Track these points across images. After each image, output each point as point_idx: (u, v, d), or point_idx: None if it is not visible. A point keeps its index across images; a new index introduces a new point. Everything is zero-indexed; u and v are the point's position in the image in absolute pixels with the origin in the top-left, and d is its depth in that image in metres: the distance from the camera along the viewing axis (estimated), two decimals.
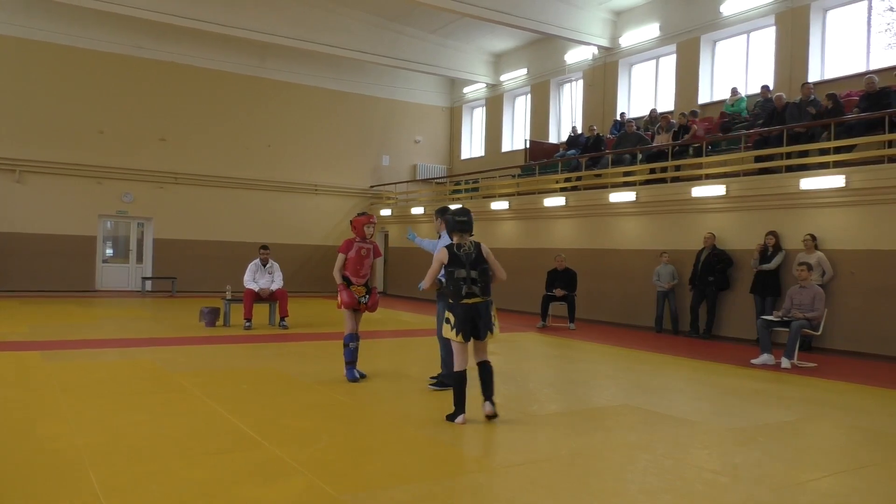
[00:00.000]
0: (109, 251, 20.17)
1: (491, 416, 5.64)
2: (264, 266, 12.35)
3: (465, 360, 5.71)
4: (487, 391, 5.68)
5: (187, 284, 19.54)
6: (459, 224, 5.72)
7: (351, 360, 7.31)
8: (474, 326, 5.61)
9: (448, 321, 5.66)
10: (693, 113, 15.27)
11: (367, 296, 7.36)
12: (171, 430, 5.24)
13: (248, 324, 11.74)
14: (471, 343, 5.68)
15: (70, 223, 18.66)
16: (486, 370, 5.69)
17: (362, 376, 7.43)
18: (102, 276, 19.51)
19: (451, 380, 5.96)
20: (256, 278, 12.22)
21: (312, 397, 6.65)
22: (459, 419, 5.61)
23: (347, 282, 7.27)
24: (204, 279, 19.61)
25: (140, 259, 20.16)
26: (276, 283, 12.32)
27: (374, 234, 7.40)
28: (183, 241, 20.10)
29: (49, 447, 4.70)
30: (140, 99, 19.60)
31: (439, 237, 6.99)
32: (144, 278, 19.47)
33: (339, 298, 7.26)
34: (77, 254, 18.77)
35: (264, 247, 12.61)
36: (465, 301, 5.58)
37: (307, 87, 22.11)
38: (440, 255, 5.78)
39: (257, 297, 12.07)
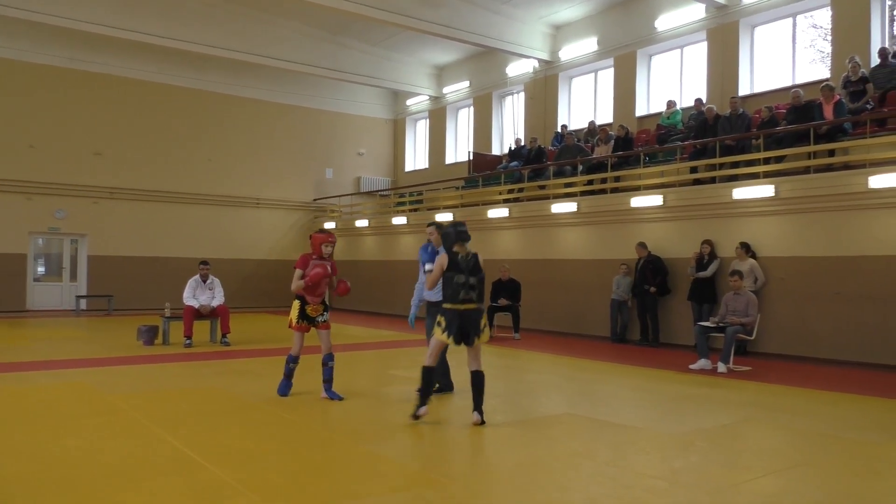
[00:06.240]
0: (41, 269, 19.40)
1: (478, 424, 5.89)
2: (204, 282, 12.10)
3: (437, 358, 6.10)
4: (477, 401, 5.99)
5: (125, 302, 18.93)
6: (462, 234, 6.06)
7: (288, 374, 7.29)
8: (464, 332, 5.92)
9: (440, 324, 5.98)
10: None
11: (325, 313, 7.20)
12: (107, 455, 5.08)
13: (188, 341, 11.47)
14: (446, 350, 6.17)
15: None
16: (478, 380, 6.01)
17: (285, 394, 7.30)
18: (34, 295, 18.75)
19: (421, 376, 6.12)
20: (196, 295, 11.96)
21: (256, 416, 6.54)
22: (422, 410, 5.96)
23: (303, 301, 7.12)
24: (142, 297, 19.04)
25: (74, 277, 19.45)
26: (217, 299, 12.09)
27: (332, 252, 7.24)
28: (120, 258, 19.49)
29: None
30: (73, 112, 18.96)
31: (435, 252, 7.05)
32: (79, 297, 18.77)
33: (290, 318, 7.17)
34: (6, 273, 17.96)
35: (204, 262, 12.37)
36: (459, 306, 5.90)
37: (248, 100, 21.80)
38: (441, 259, 6.05)
39: (198, 313, 11.82)
